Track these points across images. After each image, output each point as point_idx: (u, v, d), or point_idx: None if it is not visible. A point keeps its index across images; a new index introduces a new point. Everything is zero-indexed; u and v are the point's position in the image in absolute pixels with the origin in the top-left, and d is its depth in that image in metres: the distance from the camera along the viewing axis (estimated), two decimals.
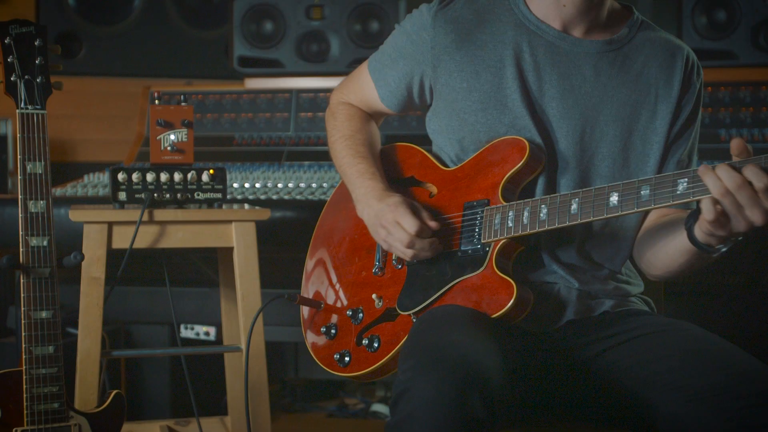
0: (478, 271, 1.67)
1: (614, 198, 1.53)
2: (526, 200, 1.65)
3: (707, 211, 1.44)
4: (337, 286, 1.92)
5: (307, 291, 2.00)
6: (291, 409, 3.55)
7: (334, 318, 1.89)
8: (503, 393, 1.44)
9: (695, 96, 1.80)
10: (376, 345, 1.77)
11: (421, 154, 1.90)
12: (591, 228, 1.76)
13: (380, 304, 1.81)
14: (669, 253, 1.68)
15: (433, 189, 1.84)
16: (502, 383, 1.44)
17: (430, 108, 1.90)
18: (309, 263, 2.02)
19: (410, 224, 1.71)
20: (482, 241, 1.69)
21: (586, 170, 1.75)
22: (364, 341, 1.80)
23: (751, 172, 1.39)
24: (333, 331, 1.88)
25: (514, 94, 1.75)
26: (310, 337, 1.93)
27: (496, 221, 1.67)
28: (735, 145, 1.42)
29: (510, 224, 1.65)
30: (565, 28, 1.77)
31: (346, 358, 1.83)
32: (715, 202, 1.42)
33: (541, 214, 1.61)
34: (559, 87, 1.75)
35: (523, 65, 1.76)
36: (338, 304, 1.90)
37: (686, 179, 1.45)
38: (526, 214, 1.64)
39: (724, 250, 1.54)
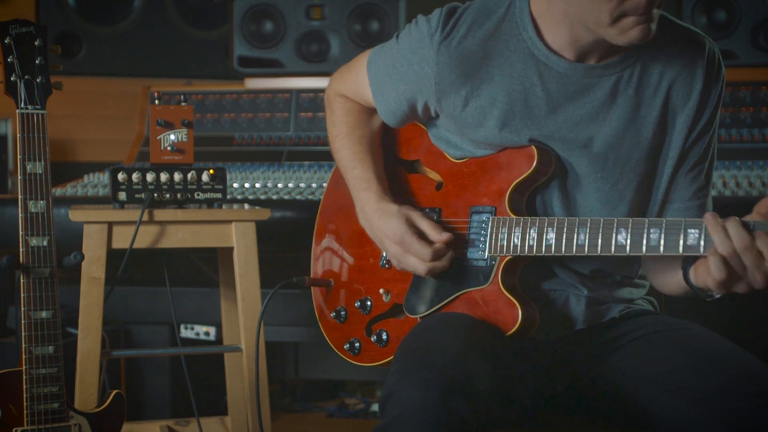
0: (484, 286, 1.65)
1: (622, 236, 1.49)
2: (533, 218, 1.62)
3: (717, 271, 1.40)
4: (346, 266, 1.92)
5: (317, 267, 2.00)
6: (291, 409, 3.55)
7: (344, 301, 1.90)
8: (491, 397, 1.43)
9: (714, 104, 1.68)
10: (385, 339, 1.78)
11: (428, 137, 1.85)
12: None
13: (388, 298, 1.81)
14: (672, 286, 1.68)
15: (439, 179, 1.80)
16: (489, 387, 1.43)
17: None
18: (317, 238, 2.01)
19: (424, 253, 1.67)
20: (489, 254, 1.66)
21: (609, 193, 1.68)
22: (373, 336, 1.81)
23: (761, 241, 1.36)
24: (343, 313, 1.89)
25: (521, 132, 1.67)
26: (323, 321, 1.95)
27: (502, 235, 1.64)
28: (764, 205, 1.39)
29: (516, 242, 1.62)
30: (579, 58, 1.64)
31: (357, 347, 1.84)
32: (725, 261, 1.38)
33: (548, 238, 1.58)
34: (576, 118, 1.65)
35: (533, 100, 1.66)
36: (347, 287, 1.91)
37: (697, 230, 1.41)
38: (533, 234, 1.60)
39: (717, 296, 1.53)
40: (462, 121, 1.71)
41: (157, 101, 2.38)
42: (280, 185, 2.94)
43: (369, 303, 1.83)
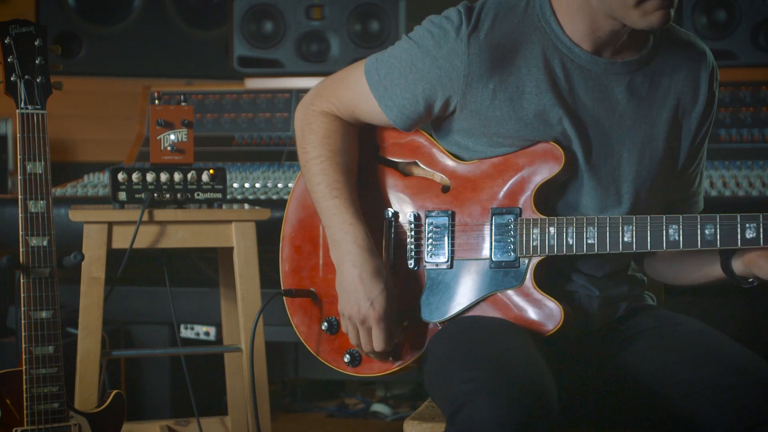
0: (515, 287, 1.64)
1: (673, 231, 1.52)
2: (568, 217, 1.61)
3: None
4: (327, 271, 1.80)
5: (291, 278, 1.85)
6: (291, 409, 3.56)
7: (334, 309, 1.77)
8: (561, 417, 1.43)
9: (714, 107, 1.75)
10: (395, 348, 1.72)
11: (425, 136, 1.78)
12: None
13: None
14: (693, 275, 1.70)
15: (446, 181, 1.74)
16: (559, 407, 1.43)
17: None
18: (286, 247, 1.87)
19: (379, 343, 1.67)
20: (517, 255, 1.64)
21: (617, 192, 1.69)
22: None
23: None
24: (335, 321, 1.78)
25: (558, 120, 1.65)
26: (313, 337, 1.82)
27: (534, 235, 1.63)
28: None
29: (552, 242, 1.61)
30: (596, 50, 1.65)
31: (357, 357, 1.75)
32: None
33: (588, 237, 1.59)
34: (594, 113, 1.66)
35: (560, 92, 1.66)
36: (334, 294, 1.74)
37: (755, 224, 1.46)
38: (570, 232, 1.60)
39: (756, 283, 1.57)
40: (489, 115, 1.68)
41: (157, 101, 2.38)
42: (280, 185, 2.94)
43: None
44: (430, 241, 1.73)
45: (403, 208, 1.78)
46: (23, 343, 1.95)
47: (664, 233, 1.53)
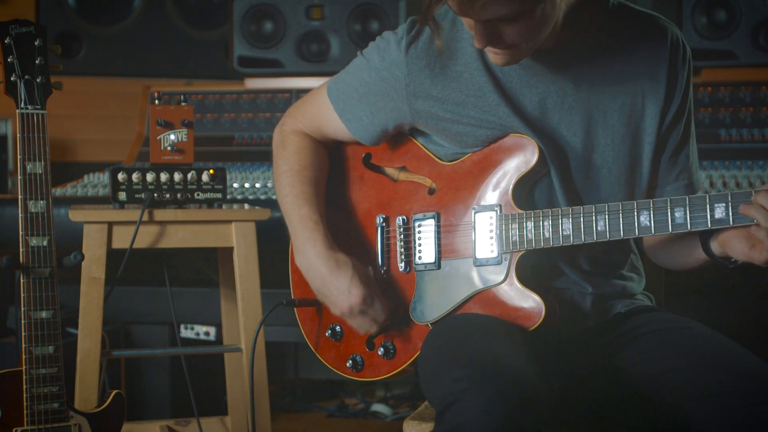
0: (498, 283, 1.65)
1: (645, 217, 1.52)
2: (544, 210, 1.62)
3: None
4: None
5: (300, 287, 1.89)
6: (291, 409, 3.56)
7: (336, 318, 1.82)
8: (551, 411, 1.43)
9: (683, 86, 1.71)
10: (392, 352, 1.75)
11: (412, 141, 1.81)
12: None
13: None
14: (684, 261, 1.69)
15: (431, 184, 1.77)
16: (549, 401, 1.43)
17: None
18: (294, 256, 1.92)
19: (381, 314, 1.72)
20: (500, 252, 1.65)
21: (584, 182, 1.69)
22: (379, 349, 1.77)
23: None
24: (339, 329, 1.83)
25: (507, 119, 1.67)
26: (319, 343, 1.88)
27: (513, 230, 1.64)
28: None
29: (530, 236, 1.62)
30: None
31: (360, 364, 1.80)
32: None
33: (564, 229, 1.59)
34: (540, 108, 1.67)
35: (504, 91, 1.67)
36: None
37: (724, 204, 1.45)
38: (547, 225, 1.60)
39: (740, 262, 1.55)
40: (443, 117, 1.71)
41: (157, 101, 2.38)
42: None
43: None
44: (419, 243, 1.75)
45: (393, 213, 1.81)
46: (23, 343, 1.95)
47: (636, 220, 1.53)
